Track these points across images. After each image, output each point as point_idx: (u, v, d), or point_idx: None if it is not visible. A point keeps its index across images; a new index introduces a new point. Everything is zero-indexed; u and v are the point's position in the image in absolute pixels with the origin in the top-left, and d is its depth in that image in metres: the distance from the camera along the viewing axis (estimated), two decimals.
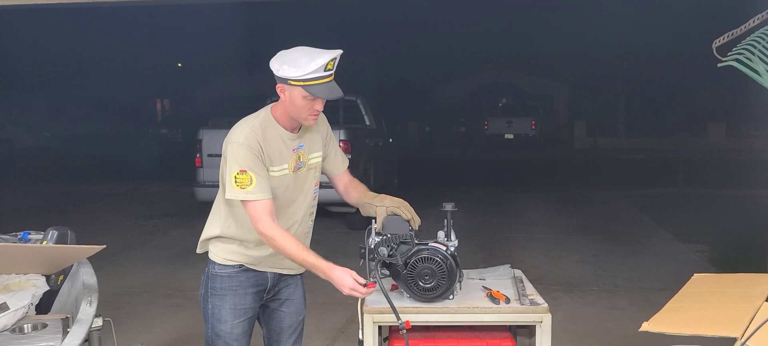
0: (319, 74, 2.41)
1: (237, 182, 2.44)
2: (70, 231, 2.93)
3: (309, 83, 2.41)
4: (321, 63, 2.40)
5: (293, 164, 2.57)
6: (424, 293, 2.48)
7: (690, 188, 11.56)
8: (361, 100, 9.89)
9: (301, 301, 2.82)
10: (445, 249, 2.49)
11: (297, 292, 2.80)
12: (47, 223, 3.01)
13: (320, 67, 2.40)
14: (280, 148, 2.53)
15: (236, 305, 2.63)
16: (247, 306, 2.65)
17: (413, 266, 2.46)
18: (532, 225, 9.10)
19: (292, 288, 2.78)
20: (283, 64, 2.43)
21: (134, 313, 5.32)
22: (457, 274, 2.50)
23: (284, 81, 2.45)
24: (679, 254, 7.30)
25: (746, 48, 2.43)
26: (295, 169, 2.58)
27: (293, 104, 2.48)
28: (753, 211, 6.64)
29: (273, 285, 2.70)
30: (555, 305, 2.54)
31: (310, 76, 2.40)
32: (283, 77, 2.44)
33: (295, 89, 2.44)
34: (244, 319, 2.66)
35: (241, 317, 2.65)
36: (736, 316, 2.18)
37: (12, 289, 2.59)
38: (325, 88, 2.44)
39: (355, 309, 2.55)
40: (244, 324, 2.66)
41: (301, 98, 2.45)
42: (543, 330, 2.45)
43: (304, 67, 2.40)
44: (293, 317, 2.79)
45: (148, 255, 7.54)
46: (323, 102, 2.51)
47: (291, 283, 2.77)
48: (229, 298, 2.63)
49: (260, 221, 2.45)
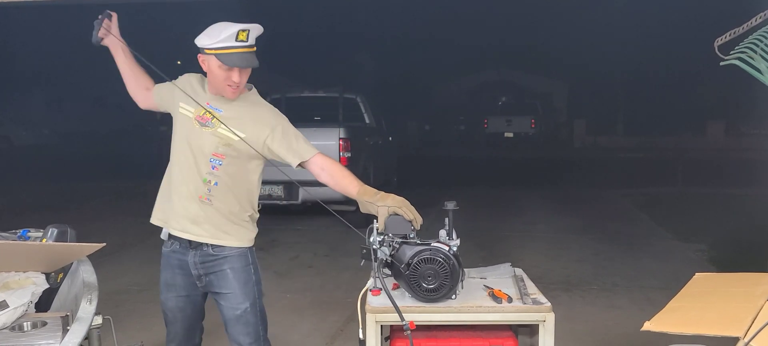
0: (231, 43, 2.56)
1: None
2: (69, 229, 2.92)
3: (220, 52, 2.56)
4: (232, 32, 2.55)
5: (199, 113, 2.68)
6: (427, 294, 2.46)
7: (690, 187, 11.56)
8: (360, 98, 9.89)
9: (236, 295, 2.75)
10: (447, 249, 2.48)
11: (228, 285, 2.75)
12: (47, 221, 3.00)
13: (231, 36, 2.55)
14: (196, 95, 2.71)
15: (167, 279, 2.83)
16: (177, 284, 2.80)
17: (416, 267, 2.45)
18: (531, 224, 9.10)
19: (222, 283, 2.75)
20: (202, 35, 2.62)
21: (134, 311, 5.31)
22: (460, 274, 2.49)
23: (201, 51, 2.63)
24: (678, 253, 7.30)
25: (749, 46, 2.42)
26: (200, 122, 2.68)
27: (211, 73, 2.65)
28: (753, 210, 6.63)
29: (199, 273, 2.76)
30: (554, 304, 2.53)
31: (222, 44, 2.56)
32: (200, 46, 2.63)
33: (210, 58, 2.60)
34: (176, 295, 2.80)
35: (172, 292, 2.81)
36: (738, 315, 2.18)
37: (11, 287, 2.58)
38: (237, 58, 2.57)
39: (355, 308, 2.54)
40: (176, 300, 2.81)
41: (216, 67, 2.60)
42: (546, 329, 2.45)
43: (216, 36, 2.57)
44: (230, 311, 2.77)
45: (147, 253, 7.52)
46: (241, 74, 2.62)
47: (220, 277, 2.75)
48: (163, 272, 2.84)
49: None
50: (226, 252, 2.74)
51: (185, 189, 2.71)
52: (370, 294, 2.57)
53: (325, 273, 6.30)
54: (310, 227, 8.55)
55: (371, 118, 9.92)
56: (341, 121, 8.72)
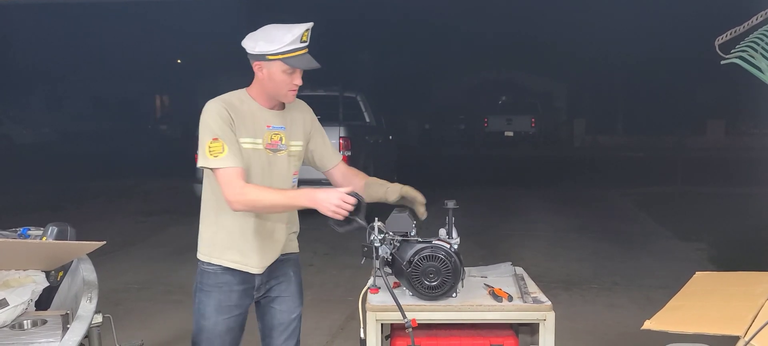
0: (296, 46, 2.44)
1: (210, 151, 2.42)
2: (69, 227, 2.92)
3: (287, 56, 2.43)
4: (296, 34, 2.43)
5: (268, 141, 2.54)
6: (428, 292, 2.46)
7: (689, 187, 11.56)
8: (360, 97, 9.89)
9: (294, 298, 2.77)
10: (448, 247, 2.48)
11: (289, 289, 2.75)
12: (47, 219, 3.00)
13: (296, 39, 2.43)
14: (253, 121, 2.51)
15: (221, 302, 2.61)
16: (232, 304, 2.62)
17: (417, 265, 2.45)
18: (531, 223, 9.10)
19: (284, 285, 2.74)
20: (258, 41, 2.45)
21: (134, 309, 5.31)
22: (461, 272, 2.49)
23: (261, 57, 2.45)
24: (678, 253, 7.30)
25: (749, 45, 2.42)
26: (273, 149, 2.55)
27: (272, 80, 2.48)
28: (753, 209, 6.65)
29: (262, 283, 2.67)
30: (554, 303, 2.53)
31: (288, 48, 2.43)
32: (260, 53, 2.45)
33: (274, 64, 2.45)
34: (229, 316, 2.62)
35: (225, 314, 2.62)
36: (738, 314, 2.18)
37: (11, 285, 2.58)
38: (304, 60, 2.46)
39: (355, 307, 2.54)
40: (228, 321, 2.63)
41: (280, 73, 2.46)
42: (546, 328, 2.45)
43: (281, 40, 2.42)
44: (284, 315, 2.75)
45: (147, 252, 7.53)
46: (301, 76, 2.52)
47: (282, 280, 2.73)
48: (215, 295, 2.61)
49: (231, 185, 2.40)
50: (292, 256, 2.76)
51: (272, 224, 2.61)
52: (370, 292, 2.57)
53: (325, 271, 6.30)
54: (310, 225, 8.53)
55: (371, 117, 9.92)
56: (341, 120, 8.72)
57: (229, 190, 2.41)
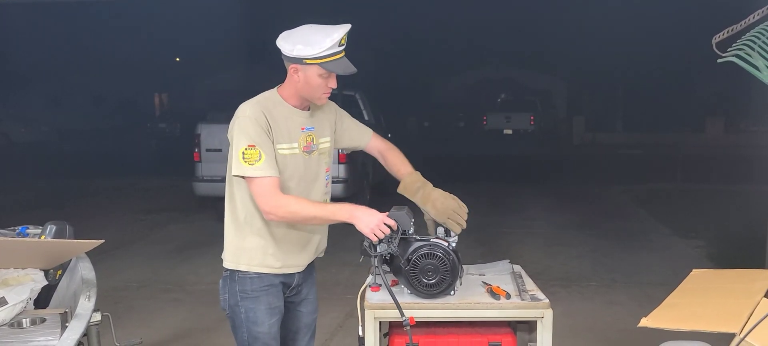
0: (335, 50, 2.39)
1: (245, 158, 2.34)
2: (68, 226, 2.93)
3: (326, 60, 2.38)
4: (335, 39, 2.37)
5: (303, 144, 2.51)
6: (426, 289, 2.47)
7: (688, 184, 11.57)
8: (359, 95, 9.89)
9: (315, 299, 2.82)
10: (446, 245, 2.49)
11: (313, 290, 2.79)
12: (45, 217, 3.00)
13: (335, 43, 2.37)
14: (288, 126, 2.46)
15: (270, 304, 2.55)
16: (279, 304, 2.59)
17: (416, 262, 2.45)
18: (530, 220, 9.11)
19: (309, 286, 2.76)
20: (296, 44, 2.38)
21: (133, 308, 5.32)
22: (459, 270, 2.49)
23: (298, 61, 2.39)
24: (677, 250, 7.31)
25: (746, 43, 2.42)
26: (308, 151, 2.52)
27: (308, 84, 2.43)
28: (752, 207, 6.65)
29: (298, 283, 2.67)
30: (553, 300, 2.53)
31: (327, 53, 2.37)
32: (298, 57, 2.38)
33: (311, 68, 2.40)
34: (278, 317, 2.60)
35: (276, 315, 2.58)
36: (735, 311, 2.18)
37: (10, 283, 2.59)
38: (342, 64, 2.43)
39: (354, 305, 2.55)
40: (278, 323, 2.61)
41: (317, 77, 2.42)
42: (544, 326, 2.45)
43: (320, 44, 2.36)
44: (309, 316, 2.78)
45: (146, 250, 7.54)
46: (336, 80, 2.48)
47: (309, 281, 2.76)
48: (263, 298, 2.53)
49: (267, 196, 2.35)
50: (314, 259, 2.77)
51: (310, 231, 2.61)
52: (369, 291, 2.57)
53: (324, 269, 6.26)
54: None
55: (370, 114, 9.91)
56: None
57: (264, 200, 2.36)
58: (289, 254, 2.56)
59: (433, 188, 2.58)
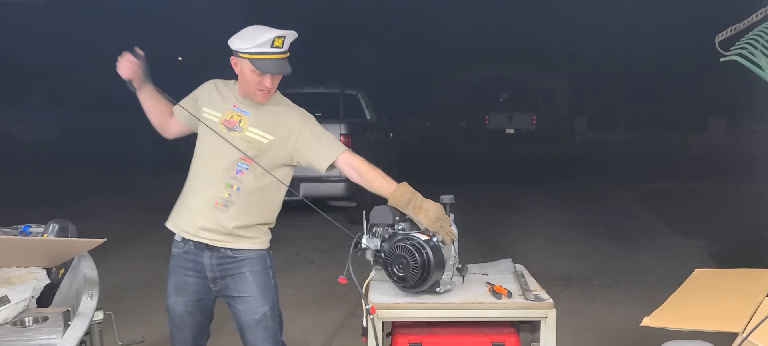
0: (265, 49, 2.53)
1: None
2: (70, 224, 2.94)
3: (254, 57, 2.54)
4: (267, 38, 2.52)
5: (226, 118, 2.67)
6: (398, 282, 2.48)
7: (691, 183, 11.55)
8: (361, 94, 9.88)
9: (255, 298, 2.68)
10: (426, 239, 2.46)
11: (247, 288, 2.68)
12: (48, 216, 3.01)
13: (266, 43, 2.52)
14: (223, 99, 2.71)
15: (177, 283, 2.74)
16: (188, 288, 2.72)
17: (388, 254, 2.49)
18: (532, 220, 9.10)
19: (240, 286, 2.68)
20: (236, 37, 2.60)
21: (135, 306, 5.32)
22: (432, 266, 2.43)
23: (235, 53, 2.61)
24: (679, 250, 7.30)
25: (749, 43, 2.42)
26: (228, 126, 2.65)
27: (243, 76, 2.63)
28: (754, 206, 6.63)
29: (215, 276, 2.67)
30: (555, 300, 2.53)
31: (257, 50, 2.53)
32: (234, 49, 2.61)
33: (244, 62, 2.59)
34: (186, 299, 2.72)
35: (183, 296, 2.73)
36: (737, 311, 2.18)
37: (13, 282, 2.59)
38: (271, 64, 2.55)
39: (356, 304, 2.55)
40: (186, 304, 2.73)
41: (249, 72, 2.58)
42: (548, 326, 2.44)
43: (251, 40, 2.54)
44: (247, 315, 2.69)
45: (148, 249, 7.53)
46: (272, 80, 2.60)
47: (237, 280, 2.68)
48: (173, 275, 2.76)
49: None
50: (245, 254, 2.68)
51: (205, 194, 2.66)
52: (372, 292, 2.58)
53: (326, 269, 6.30)
54: (311, 223, 8.54)
55: (372, 114, 9.91)
56: (342, 118, 8.71)
57: None
58: (180, 214, 2.80)
59: (423, 198, 2.56)
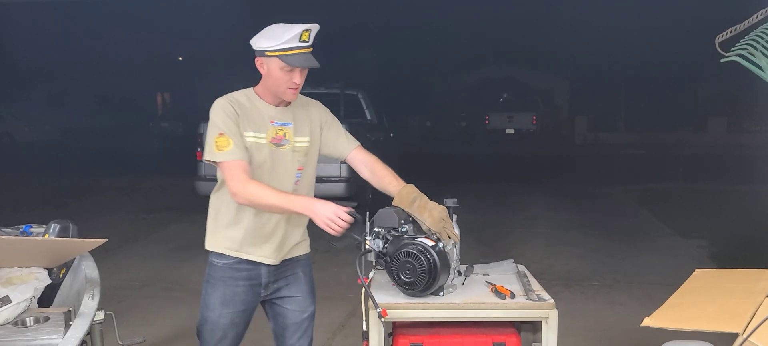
0: (294, 44, 2.49)
1: (217, 146, 2.50)
2: (71, 224, 2.94)
3: (284, 53, 2.49)
4: (295, 33, 2.49)
5: (272, 135, 2.59)
6: (404, 288, 2.48)
7: (691, 184, 11.55)
8: (361, 94, 9.89)
9: (305, 298, 2.80)
10: (431, 244, 2.46)
11: (300, 289, 2.78)
12: (49, 216, 3.01)
13: (294, 37, 2.48)
14: (257, 117, 2.58)
15: (225, 295, 2.67)
16: (236, 299, 2.67)
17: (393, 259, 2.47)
18: (532, 220, 9.10)
19: (294, 286, 2.77)
20: (260, 37, 2.55)
21: (136, 306, 5.32)
22: (438, 271, 2.44)
23: (261, 53, 2.54)
24: (679, 250, 7.30)
25: (749, 43, 2.42)
26: (276, 144, 2.60)
27: (271, 76, 2.55)
28: (754, 206, 6.65)
29: (269, 281, 2.70)
30: (555, 300, 2.53)
31: (285, 46, 2.49)
32: (260, 49, 2.54)
33: (272, 61, 2.52)
34: (233, 310, 2.68)
35: (230, 308, 2.67)
36: (737, 311, 2.18)
37: (14, 282, 2.59)
38: (301, 58, 2.52)
39: (356, 304, 2.55)
40: (232, 315, 2.68)
41: (278, 70, 2.52)
42: (549, 326, 2.44)
43: (279, 37, 2.49)
44: (296, 315, 2.78)
45: (149, 249, 7.55)
46: (301, 75, 2.57)
47: (292, 281, 2.76)
48: (220, 287, 2.68)
49: (234, 179, 2.48)
50: (300, 257, 2.78)
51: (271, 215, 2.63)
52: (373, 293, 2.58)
53: (326, 269, 6.30)
54: (311, 222, 8.55)
55: (372, 114, 9.92)
56: (343, 118, 8.70)
57: (232, 182, 2.49)
58: (249, 241, 2.64)
59: (428, 199, 2.59)
